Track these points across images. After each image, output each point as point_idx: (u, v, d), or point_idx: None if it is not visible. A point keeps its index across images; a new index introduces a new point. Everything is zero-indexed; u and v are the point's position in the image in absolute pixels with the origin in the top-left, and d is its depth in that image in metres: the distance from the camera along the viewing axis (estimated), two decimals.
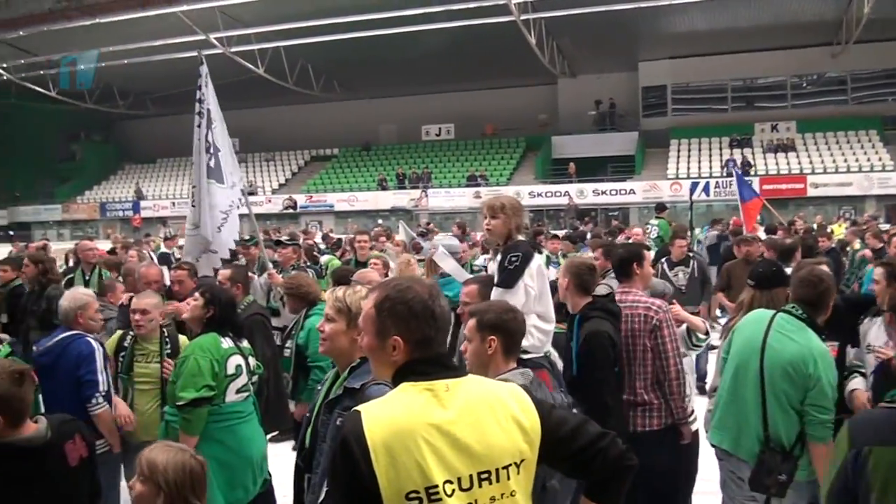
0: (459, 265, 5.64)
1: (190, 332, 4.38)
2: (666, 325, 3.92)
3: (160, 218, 32.76)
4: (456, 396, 1.79)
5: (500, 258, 3.53)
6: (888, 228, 13.81)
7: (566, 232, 13.43)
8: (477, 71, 31.38)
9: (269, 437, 4.45)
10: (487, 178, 32.05)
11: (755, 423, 3.44)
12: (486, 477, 1.75)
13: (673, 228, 10.76)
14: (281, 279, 6.29)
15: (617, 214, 28.25)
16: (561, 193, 29.61)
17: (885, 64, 28.70)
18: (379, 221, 25.40)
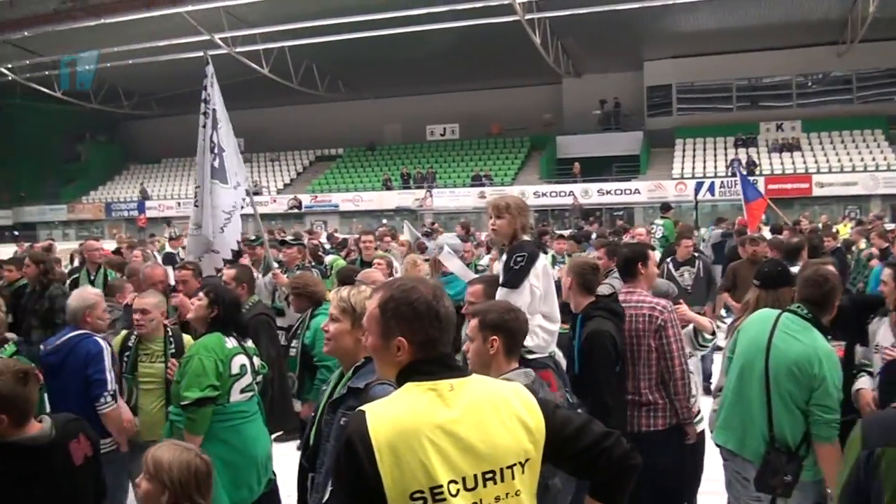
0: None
1: (194, 331, 4.38)
2: (671, 325, 3.92)
3: (165, 218, 32.70)
4: (460, 396, 1.79)
5: (505, 258, 3.53)
6: (893, 228, 13.77)
7: (571, 232, 13.41)
8: (481, 71, 31.30)
9: (273, 436, 4.46)
10: (492, 177, 31.97)
11: (760, 423, 3.43)
12: (490, 477, 1.75)
13: (678, 228, 10.74)
14: (286, 279, 6.30)
15: (622, 214, 28.15)
16: (566, 193, 29.50)
17: (890, 63, 28.52)
18: (384, 221, 25.35)
